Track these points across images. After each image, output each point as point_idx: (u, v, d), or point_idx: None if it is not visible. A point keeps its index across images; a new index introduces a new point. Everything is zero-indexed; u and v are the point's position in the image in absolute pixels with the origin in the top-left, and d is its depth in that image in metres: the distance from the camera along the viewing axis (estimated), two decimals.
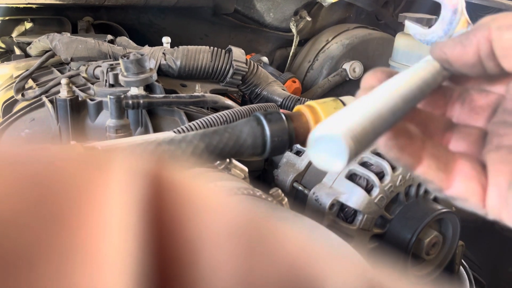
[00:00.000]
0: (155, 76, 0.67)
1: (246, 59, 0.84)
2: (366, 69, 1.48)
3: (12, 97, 0.82)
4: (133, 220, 0.09)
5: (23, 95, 0.80)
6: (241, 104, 0.83)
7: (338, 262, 0.11)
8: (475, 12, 1.75)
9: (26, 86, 0.85)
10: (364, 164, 0.63)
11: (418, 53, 1.27)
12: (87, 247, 0.08)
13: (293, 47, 1.49)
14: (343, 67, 1.45)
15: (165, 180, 0.10)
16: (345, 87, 1.47)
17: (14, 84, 0.82)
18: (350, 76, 1.45)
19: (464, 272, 0.73)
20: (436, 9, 1.55)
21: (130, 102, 0.61)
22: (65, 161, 0.10)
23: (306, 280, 0.10)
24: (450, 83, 0.26)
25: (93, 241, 0.08)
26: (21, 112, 0.74)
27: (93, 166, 0.10)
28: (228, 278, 0.09)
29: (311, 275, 0.10)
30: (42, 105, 0.75)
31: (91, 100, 0.69)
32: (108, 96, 0.60)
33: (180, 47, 0.82)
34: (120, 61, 0.65)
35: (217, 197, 0.11)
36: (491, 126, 0.24)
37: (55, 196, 0.09)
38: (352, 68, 1.45)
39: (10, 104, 0.83)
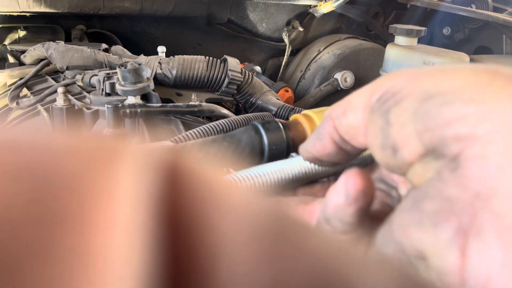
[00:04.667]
0: (152, 85, 0.68)
1: (241, 69, 0.85)
2: (357, 79, 1.50)
3: (7, 105, 0.82)
4: (145, 218, 0.08)
5: (18, 103, 0.80)
6: (234, 113, 0.84)
7: (374, 269, 0.10)
8: (463, 24, 1.79)
9: (21, 95, 0.85)
10: None
11: (408, 63, 1.29)
12: (91, 248, 0.07)
13: (285, 56, 1.51)
14: (335, 76, 1.47)
15: (182, 173, 0.09)
16: (337, 96, 1.49)
17: (9, 92, 0.82)
18: (341, 86, 1.47)
19: None
20: (425, 21, 1.57)
21: (128, 111, 0.61)
22: (69, 150, 0.09)
23: None
24: None
25: (98, 242, 0.07)
26: (16, 121, 0.74)
27: (101, 156, 0.09)
28: (252, 285, 0.08)
29: (346, 284, 0.09)
30: (38, 113, 0.75)
31: (88, 109, 0.69)
32: (106, 105, 0.60)
33: (176, 56, 0.83)
34: (118, 70, 0.66)
35: (240, 193, 0.10)
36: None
37: (56, 190, 0.08)
38: (343, 78, 1.47)
39: (4, 113, 0.83)
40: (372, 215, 0.23)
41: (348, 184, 0.20)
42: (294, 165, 0.32)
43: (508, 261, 0.14)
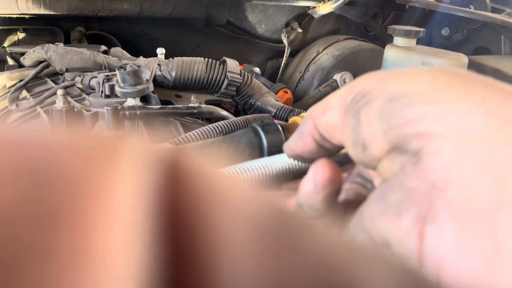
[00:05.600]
0: (151, 87, 0.68)
1: (241, 70, 0.85)
2: None
3: (6, 107, 0.82)
4: (145, 215, 0.08)
5: (17, 105, 0.80)
6: (234, 115, 0.84)
7: (378, 265, 0.10)
8: (461, 24, 1.79)
9: (20, 97, 0.85)
10: None
11: (406, 64, 1.30)
12: (90, 247, 0.07)
13: (284, 58, 1.51)
14: (334, 77, 1.48)
15: (182, 171, 0.09)
16: None
17: (8, 94, 0.82)
18: (340, 87, 1.47)
19: None
20: (423, 21, 1.57)
21: (127, 113, 0.61)
22: (68, 147, 0.09)
23: (343, 286, 0.09)
24: None
25: (97, 241, 0.07)
26: (15, 123, 0.74)
27: (100, 154, 0.09)
28: (253, 284, 0.08)
29: (349, 281, 0.09)
30: (37, 116, 0.75)
31: (87, 111, 0.69)
32: (105, 107, 0.60)
33: (175, 58, 0.83)
34: (117, 72, 0.66)
35: (241, 190, 0.10)
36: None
37: (55, 187, 0.08)
38: (342, 78, 1.47)
39: (4, 115, 0.83)
40: (348, 204, 0.25)
41: (316, 174, 0.23)
42: (279, 162, 0.34)
43: (459, 244, 0.16)
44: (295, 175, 0.35)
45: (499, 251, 0.15)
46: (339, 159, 0.33)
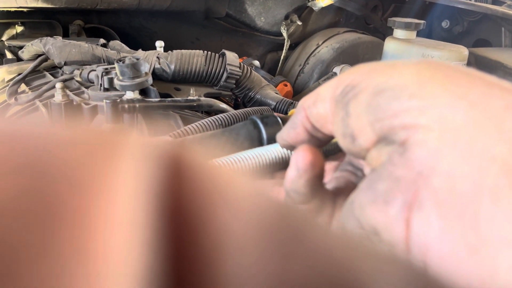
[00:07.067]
0: (150, 80, 0.68)
1: (240, 63, 0.85)
2: None
3: (5, 101, 0.82)
4: (147, 212, 0.08)
5: (16, 99, 0.80)
6: (233, 108, 0.84)
7: (386, 264, 0.10)
8: (461, 16, 1.78)
9: (19, 90, 0.84)
10: None
11: (407, 57, 1.29)
12: (91, 244, 0.07)
13: (284, 50, 1.50)
14: (334, 70, 1.47)
15: (185, 166, 0.09)
16: None
17: (7, 88, 0.82)
18: None
19: None
20: (424, 14, 1.56)
21: (126, 106, 0.61)
22: (69, 142, 0.09)
23: (349, 282, 0.09)
24: None
25: (98, 237, 0.07)
26: (14, 117, 0.74)
27: (102, 149, 0.09)
28: (258, 281, 0.08)
29: (354, 277, 0.09)
30: (36, 109, 0.75)
31: (86, 104, 0.69)
32: (104, 100, 0.60)
33: (174, 51, 0.83)
34: (116, 65, 0.66)
35: (244, 185, 0.10)
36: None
37: (55, 182, 0.08)
38: (342, 71, 1.46)
39: (2, 109, 0.83)
40: (339, 192, 0.26)
41: (298, 159, 0.24)
42: (272, 152, 0.36)
43: (444, 230, 0.16)
44: (288, 164, 0.37)
45: (480, 236, 0.15)
46: (330, 148, 0.34)
